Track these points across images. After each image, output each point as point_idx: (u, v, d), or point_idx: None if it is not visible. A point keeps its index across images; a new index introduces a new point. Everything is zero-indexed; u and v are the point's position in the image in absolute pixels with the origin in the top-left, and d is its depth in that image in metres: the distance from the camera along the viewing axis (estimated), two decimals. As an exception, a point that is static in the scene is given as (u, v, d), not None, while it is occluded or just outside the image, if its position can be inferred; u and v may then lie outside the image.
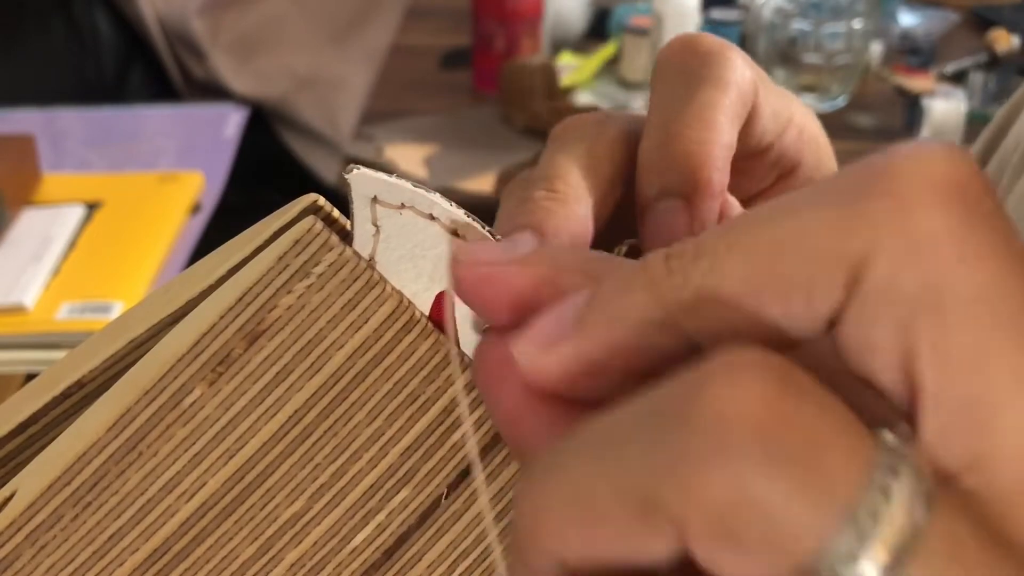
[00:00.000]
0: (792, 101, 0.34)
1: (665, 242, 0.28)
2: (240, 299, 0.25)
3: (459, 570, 0.27)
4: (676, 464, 0.18)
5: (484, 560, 0.27)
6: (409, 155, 1.41)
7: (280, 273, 0.25)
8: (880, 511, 0.17)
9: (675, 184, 0.30)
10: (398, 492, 0.26)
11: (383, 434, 0.26)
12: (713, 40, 0.32)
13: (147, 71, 1.48)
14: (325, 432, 0.26)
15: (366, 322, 0.25)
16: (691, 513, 0.18)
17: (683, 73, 0.31)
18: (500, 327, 0.24)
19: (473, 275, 0.24)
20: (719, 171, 0.30)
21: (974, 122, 1.38)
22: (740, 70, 0.31)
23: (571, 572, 0.19)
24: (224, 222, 0.95)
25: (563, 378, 0.22)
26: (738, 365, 0.18)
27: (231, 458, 0.25)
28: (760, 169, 0.35)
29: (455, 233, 0.26)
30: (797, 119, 0.34)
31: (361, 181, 0.26)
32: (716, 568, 0.18)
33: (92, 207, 1.05)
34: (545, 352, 0.22)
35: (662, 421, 0.19)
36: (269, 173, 1.42)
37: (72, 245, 0.99)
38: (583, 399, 0.22)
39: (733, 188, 0.33)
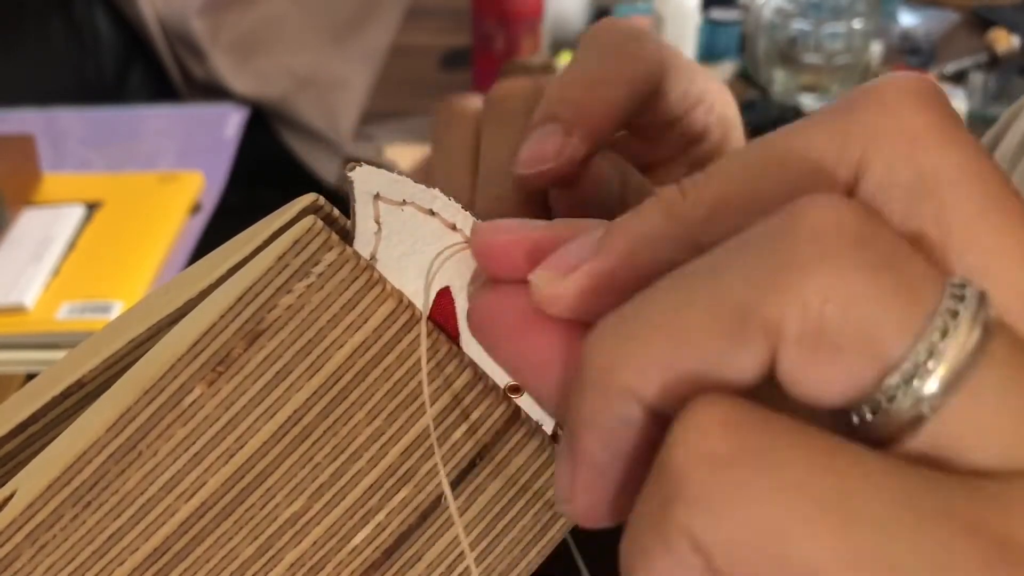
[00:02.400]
0: (705, 81, 0.38)
1: (534, 164, 0.32)
2: (240, 299, 0.25)
3: (459, 570, 0.27)
4: (777, 273, 0.19)
5: (484, 559, 0.27)
6: (409, 155, 1.41)
7: (280, 273, 0.25)
8: (949, 329, 0.19)
9: (559, 113, 0.34)
10: (398, 491, 0.26)
11: (383, 433, 0.26)
12: (627, 23, 0.37)
13: (147, 71, 1.48)
14: (325, 432, 0.26)
15: (366, 321, 0.25)
16: (790, 317, 0.19)
17: (597, 46, 0.36)
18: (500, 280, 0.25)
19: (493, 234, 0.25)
20: (600, 118, 0.34)
21: (974, 122, 1.37)
22: (647, 49, 0.35)
23: (649, 408, 0.20)
24: (224, 222, 0.95)
25: (580, 300, 0.23)
26: (826, 200, 0.20)
27: (231, 458, 0.25)
28: (668, 138, 0.38)
29: (454, 228, 0.26)
30: (708, 98, 0.38)
31: (364, 177, 0.26)
32: (802, 378, 0.19)
33: (92, 207, 1.05)
34: (564, 277, 0.23)
35: (762, 242, 0.20)
36: (269, 173, 1.42)
37: (72, 245, 0.99)
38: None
39: (642, 154, 0.38)
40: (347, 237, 0.26)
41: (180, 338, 0.25)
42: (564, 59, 1.57)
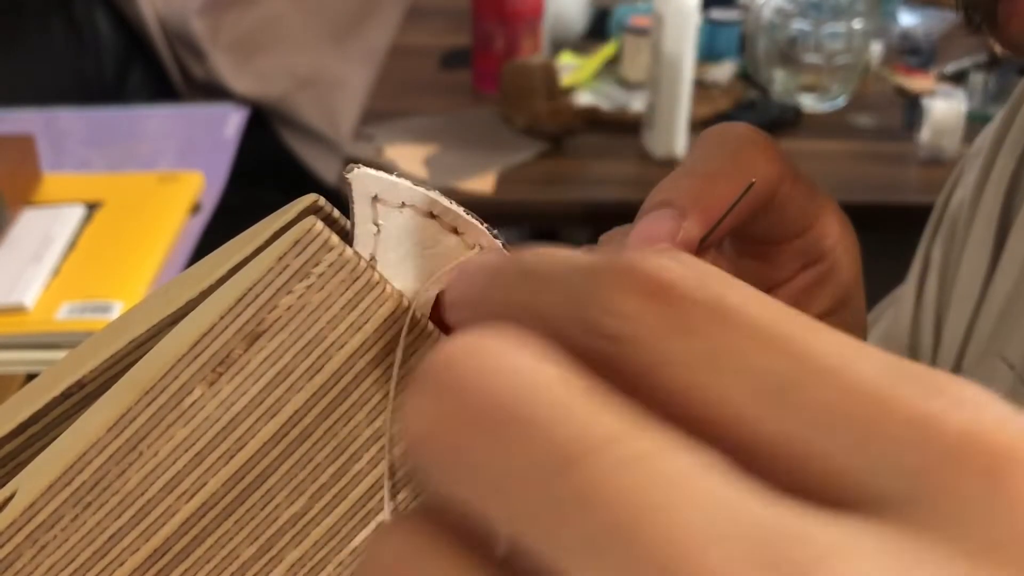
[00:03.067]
0: (826, 201, 0.36)
1: (645, 245, 0.30)
2: (240, 299, 0.25)
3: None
4: None
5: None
6: (409, 155, 1.41)
7: (280, 273, 0.25)
8: None
9: (674, 200, 0.32)
10: (398, 492, 0.26)
11: (384, 434, 0.26)
12: (746, 127, 0.34)
13: (147, 71, 1.48)
14: (325, 432, 0.26)
15: (366, 322, 0.25)
16: None
17: (712, 144, 0.34)
18: None
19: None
20: (716, 209, 0.32)
21: (974, 122, 1.37)
22: (767, 153, 0.33)
23: None
24: (224, 222, 0.95)
25: None
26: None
27: (231, 458, 0.25)
28: (783, 258, 0.36)
29: (454, 231, 0.26)
30: (824, 219, 0.36)
31: (362, 180, 0.26)
32: None
33: (92, 207, 1.05)
34: None
35: None
36: (269, 173, 1.42)
37: (72, 245, 0.99)
38: None
39: (758, 275, 0.36)
40: (347, 238, 0.26)
41: (180, 339, 0.25)
42: (564, 59, 1.57)
